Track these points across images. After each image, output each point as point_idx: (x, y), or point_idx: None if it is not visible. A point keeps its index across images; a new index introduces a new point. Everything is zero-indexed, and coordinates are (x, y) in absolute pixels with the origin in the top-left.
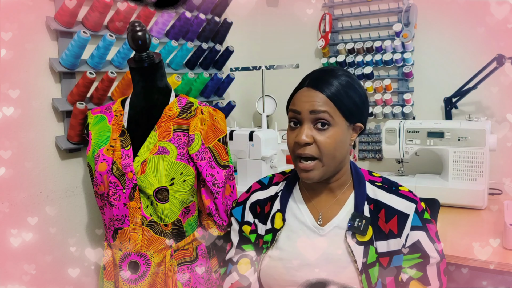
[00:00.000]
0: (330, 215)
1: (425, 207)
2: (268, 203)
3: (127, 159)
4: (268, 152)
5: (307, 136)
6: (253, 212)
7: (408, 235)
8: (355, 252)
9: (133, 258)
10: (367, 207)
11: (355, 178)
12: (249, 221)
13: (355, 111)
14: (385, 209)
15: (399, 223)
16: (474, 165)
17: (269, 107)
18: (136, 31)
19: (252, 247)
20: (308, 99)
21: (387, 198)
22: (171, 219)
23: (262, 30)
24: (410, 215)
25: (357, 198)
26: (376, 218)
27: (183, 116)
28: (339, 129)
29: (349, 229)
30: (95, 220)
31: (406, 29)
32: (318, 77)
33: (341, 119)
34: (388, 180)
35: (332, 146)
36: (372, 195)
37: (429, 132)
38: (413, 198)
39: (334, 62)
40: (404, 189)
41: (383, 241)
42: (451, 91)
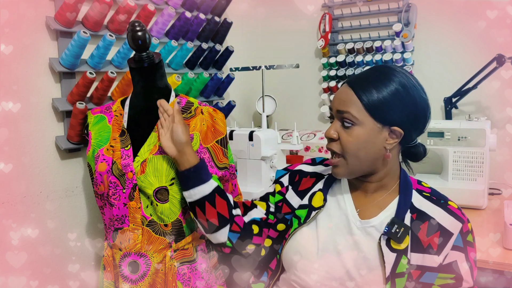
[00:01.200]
0: (368, 215)
1: (471, 228)
2: (310, 178)
3: (127, 159)
4: (268, 152)
5: (333, 131)
6: (291, 178)
7: (447, 255)
8: (386, 258)
9: (133, 258)
10: (409, 216)
11: (402, 184)
12: (283, 183)
13: (386, 111)
14: (428, 221)
15: (440, 240)
16: (474, 165)
17: (269, 107)
18: (136, 31)
19: (273, 202)
20: (338, 96)
21: (433, 210)
22: (171, 219)
23: (262, 30)
24: (454, 235)
25: (400, 204)
26: (418, 228)
27: (183, 116)
28: (364, 130)
29: (385, 234)
30: (95, 220)
31: (406, 29)
32: (359, 76)
33: (369, 120)
34: (437, 192)
35: (354, 145)
36: (417, 204)
37: (429, 132)
38: (460, 217)
39: (334, 62)
40: (453, 205)
41: (419, 254)
42: (451, 91)
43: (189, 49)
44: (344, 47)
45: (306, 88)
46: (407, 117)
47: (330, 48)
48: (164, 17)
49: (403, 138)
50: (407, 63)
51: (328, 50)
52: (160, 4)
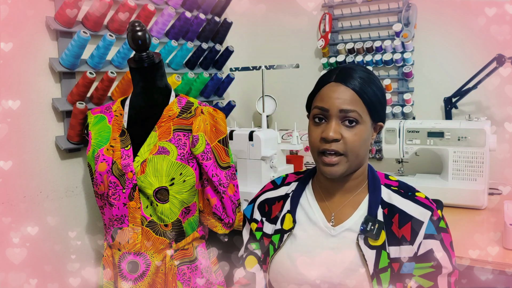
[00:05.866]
0: (342, 217)
1: (442, 215)
2: (278, 203)
3: (127, 159)
4: (268, 152)
5: (335, 132)
6: (260, 211)
7: (421, 243)
8: (367, 256)
9: (132, 257)
10: (381, 211)
11: (371, 181)
12: (256, 219)
13: (379, 109)
14: (399, 214)
15: (412, 230)
16: (474, 165)
17: (269, 107)
18: (136, 31)
19: (258, 245)
20: (337, 95)
21: (402, 203)
22: (171, 219)
23: (262, 30)
24: (424, 223)
25: (371, 201)
26: (390, 222)
27: (183, 116)
28: (365, 127)
29: (361, 233)
30: (95, 220)
31: (406, 29)
32: (345, 73)
33: (368, 118)
34: (405, 184)
35: (358, 143)
36: (387, 199)
37: (429, 132)
38: (428, 205)
39: (334, 62)
40: (420, 195)
41: (396, 247)
42: (451, 91)
43: (189, 49)
44: (344, 47)
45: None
46: (384, 111)
47: (330, 48)
48: (164, 17)
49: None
50: (407, 63)
51: (328, 50)
52: (160, 4)
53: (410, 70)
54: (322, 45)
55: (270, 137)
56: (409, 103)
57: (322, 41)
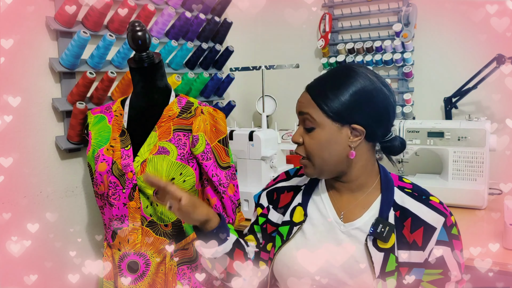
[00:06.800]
0: (352, 217)
1: (454, 221)
2: (287, 192)
3: (127, 159)
4: (268, 152)
5: (296, 135)
6: (269, 198)
7: (432, 249)
8: (374, 258)
9: (132, 258)
10: (393, 214)
11: (383, 182)
12: (263, 205)
13: (345, 112)
14: (411, 218)
15: (424, 236)
16: (474, 165)
17: (269, 107)
18: (136, 31)
19: (259, 229)
20: (299, 99)
21: (415, 206)
22: (171, 219)
23: (262, 30)
24: (437, 229)
25: (383, 203)
26: (401, 226)
27: (183, 116)
28: (324, 131)
29: (370, 234)
30: (95, 220)
31: (406, 29)
32: (317, 78)
33: (327, 121)
34: (419, 188)
35: (315, 147)
36: (399, 201)
37: (429, 132)
38: (442, 211)
39: (334, 62)
40: (435, 200)
41: (406, 251)
42: (451, 91)
43: (189, 49)
44: (344, 47)
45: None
46: (367, 115)
47: (330, 48)
48: (164, 17)
49: (369, 135)
50: (407, 63)
51: (328, 50)
52: (160, 4)
53: (410, 70)
54: (322, 45)
55: (270, 137)
56: (409, 103)
57: (322, 41)
